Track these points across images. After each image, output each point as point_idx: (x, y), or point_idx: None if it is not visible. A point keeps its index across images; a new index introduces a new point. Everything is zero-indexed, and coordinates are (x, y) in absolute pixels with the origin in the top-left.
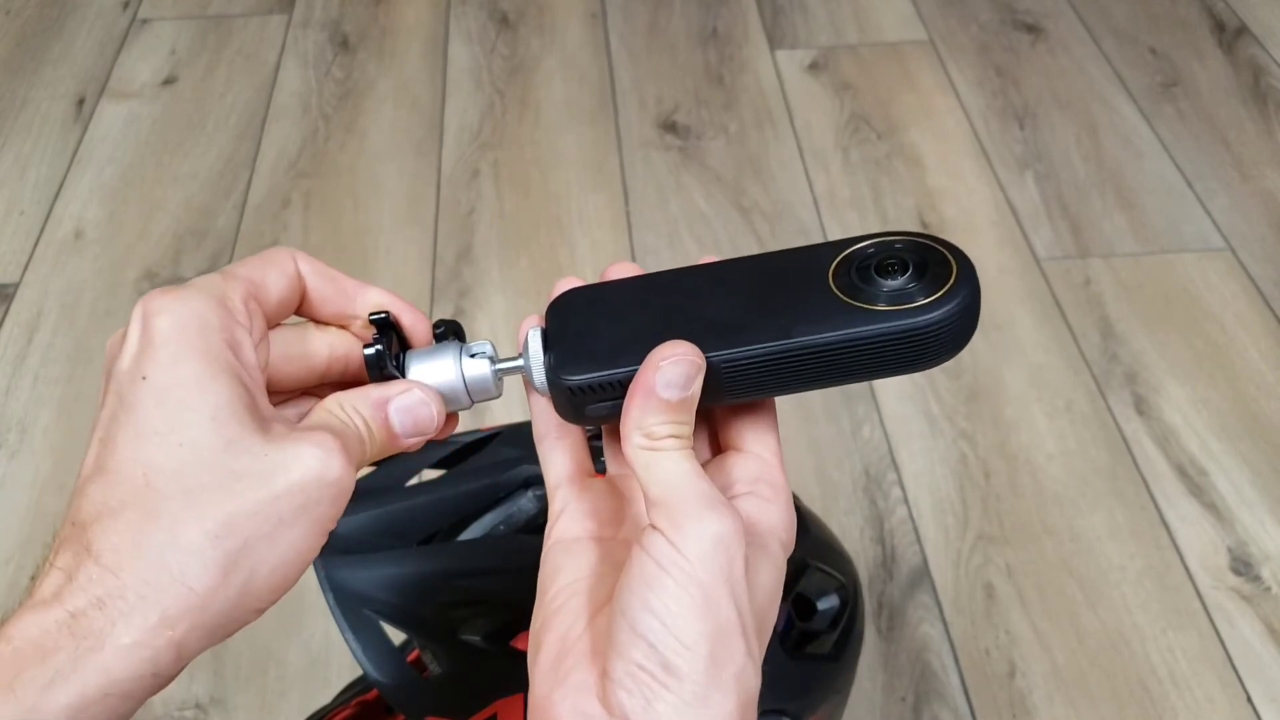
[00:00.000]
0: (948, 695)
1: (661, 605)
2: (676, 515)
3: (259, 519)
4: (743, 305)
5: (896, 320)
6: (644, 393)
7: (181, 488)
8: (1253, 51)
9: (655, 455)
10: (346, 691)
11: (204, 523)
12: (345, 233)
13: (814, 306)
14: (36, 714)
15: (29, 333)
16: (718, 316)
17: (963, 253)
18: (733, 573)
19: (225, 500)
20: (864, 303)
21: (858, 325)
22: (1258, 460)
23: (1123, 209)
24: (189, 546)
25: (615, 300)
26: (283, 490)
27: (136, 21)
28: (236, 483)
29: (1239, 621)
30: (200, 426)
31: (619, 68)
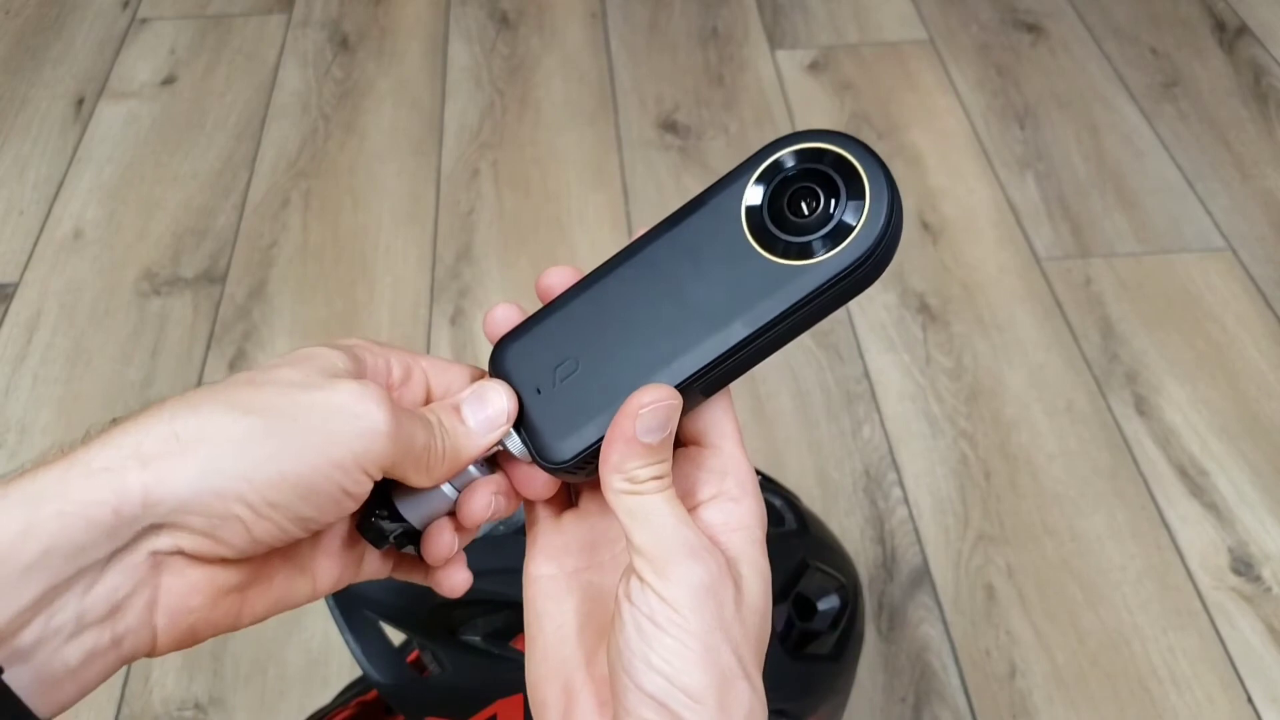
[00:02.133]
0: (948, 696)
1: (663, 662)
2: (662, 565)
3: (275, 414)
4: (681, 305)
5: (840, 261)
6: (624, 440)
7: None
8: (1254, 51)
9: (639, 500)
10: (346, 692)
11: (227, 399)
12: (345, 232)
13: (752, 282)
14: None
15: (28, 333)
16: (664, 331)
17: (856, 142)
18: (724, 616)
19: (258, 395)
20: (797, 257)
21: (803, 286)
22: (1258, 460)
23: (1123, 209)
24: (196, 406)
25: (555, 340)
26: (309, 402)
27: (136, 21)
28: (278, 390)
29: (1239, 622)
30: (286, 360)
31: (619, 67)
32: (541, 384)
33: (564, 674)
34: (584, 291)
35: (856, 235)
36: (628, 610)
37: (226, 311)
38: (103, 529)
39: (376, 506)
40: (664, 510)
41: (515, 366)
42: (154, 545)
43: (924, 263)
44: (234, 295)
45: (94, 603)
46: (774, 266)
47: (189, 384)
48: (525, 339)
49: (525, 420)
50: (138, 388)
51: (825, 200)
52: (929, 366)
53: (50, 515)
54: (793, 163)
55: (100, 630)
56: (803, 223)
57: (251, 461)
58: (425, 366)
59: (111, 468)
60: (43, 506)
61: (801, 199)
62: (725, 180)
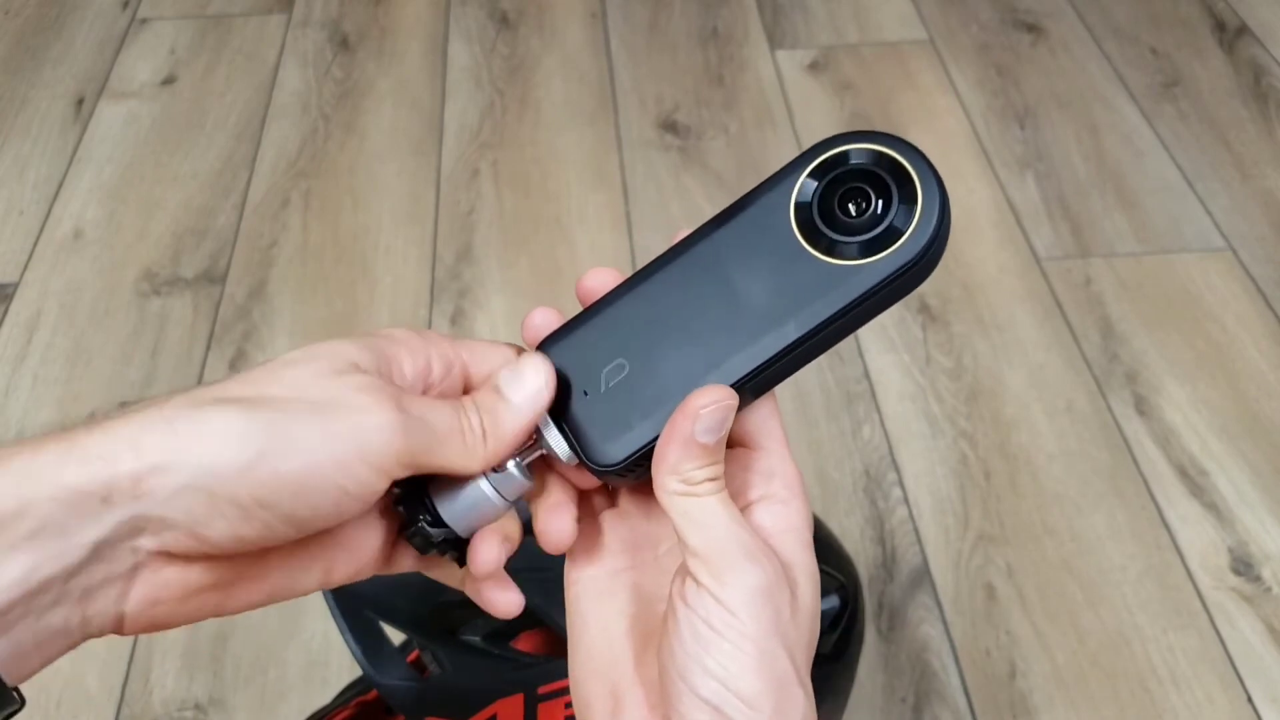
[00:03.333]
0: (948, 696)
1: (719, 666)
2: (718, 568)
3: (272, 412)
4: (730, 305)
5: (892, 263)
6: (681, 441)
7: (233, 384)
8: (1254, 51)
9: (694, 501)
10: (346, 692)
11: (225, 396)
12: (345, 232)
13: (803, 282)
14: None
15: (28, 332)
16: (714, 332)
17: (909, 146)
18: (780, 621)
19: (258, 393)
20: (849, 258)
21: (855, 287)
22: (1258, 460)
23: (1123, 209)
24: (197, 403)
25: (602, 342)
26: (308, 400)
27: (136, 21)
28: (278, 388)
29: (1239, 621)
30: (291, 359)
31: (619, 67)
32: (589, 387)
33: (611, 676)
34: (629, 292)
35: (909, 238)
36: (683, 613)
37: (226, 311)
38: (90, 516)
39: (421, 511)
40: (719, 512)
41: (560, 370)
42: (136, 543)
43: None
44: (234, 295)
45: (73, 586)
46: (825, 266)
47: (189, 384)
48: (568, 341)
49: (572, 423)
50: (138, 388)
51: (876, 202)
52: (929, 366)
53: (43, 498)
54: (844, 163)
55: (73, 609)
56: (853, 223)
57: (244, 461)
58: (466, 356)
59: (106, 457)
60: (37, 488)
61: (850, 200)
62: (774, 179)
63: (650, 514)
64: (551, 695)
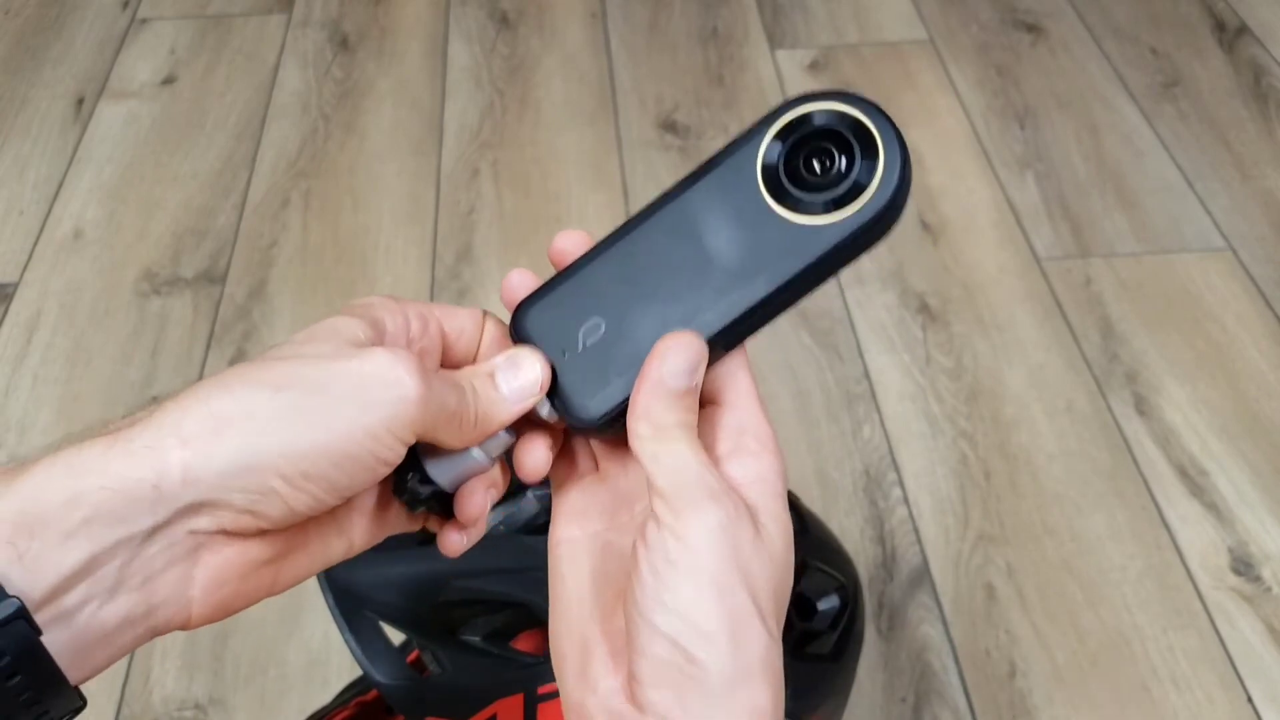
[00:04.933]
0: (948, 695)
1: (674, 599)
2: (679, 506)
3: (308, 387)
4: (701, 263)
5: (856, 220)
6: (651, 384)
7: (262, 365)
8: (1253, 51)
9: (663, 444)
10: (346, 692)
11: (259, 377)
12: (345, 232)
13: (770, 239)
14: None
15: (28, 332)
16: (686, 289)
17: (867, 102)
18: (740, 557)
19: (290, 370)
20: (815, 214)
21: (821, 244)
22: (1258, 460)
23: (1123, 209)
24: (230, 386)
25: (578, 302)
26: (341, 373)
27: (136, 21)
28: (309, 364)
29: (1239, 622)
30: (310, 334)
31: (619, 67)
32: (567, 346)
33: (581, 630)
34: (603, 253)
35: (873, 194)
36: (643, 553)
37: (226, 311)
38: (144, 504)
39: (409, 470)
40: (687, 454)
41: (538, 330)
42: (193, 525)
43: (924, 263)
44: (234, 295)
45: (133, 573)
46: (791, 225)
47: (189, 384)
48: (546, 302)
49: (553, 383)
50: (138, 388)
51: (839, 159)
52: (929, 366)
53: (93, 487)
54: (808, 123)
55: (137, 598)
56: (818, 181)
57: (287, 436)
58: (439, 315)
59: (153, 446)
60: (86, 478)
61: (815, 158)
62: (739, 140)
63: (629, 475)
64: (551, 695)
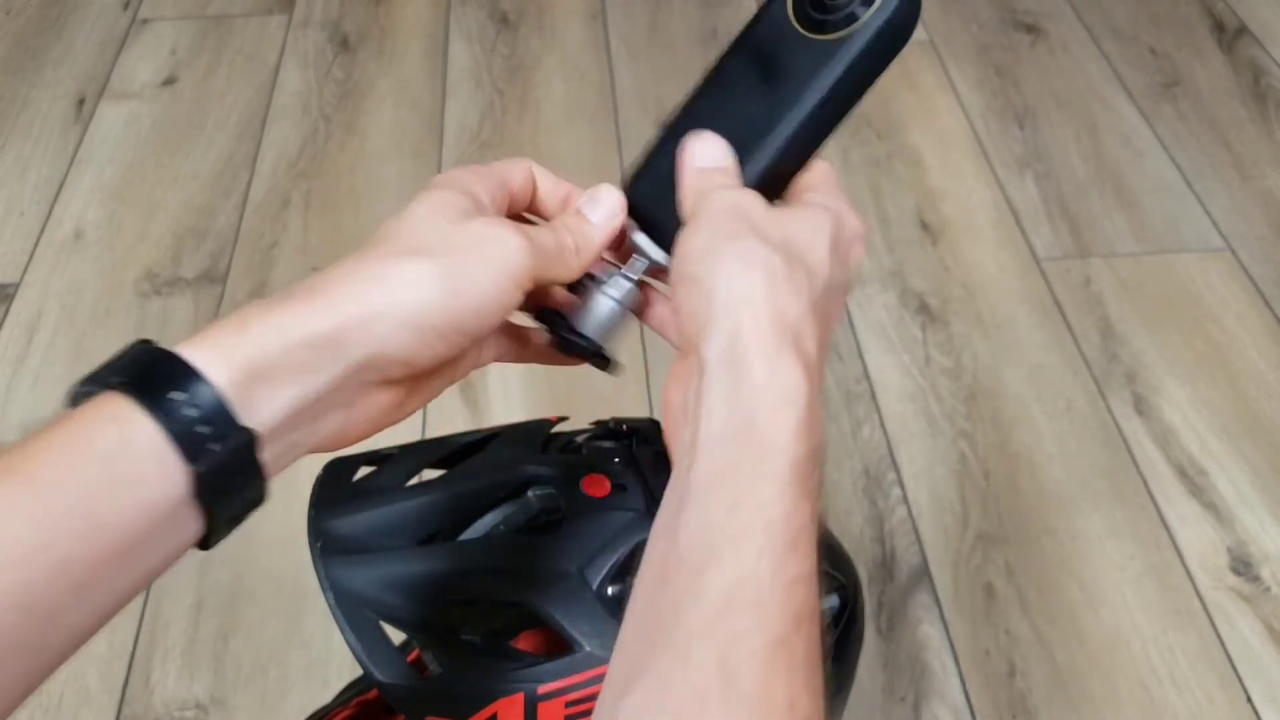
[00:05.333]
0: (947, 695)
1: (685, 245)
2: (698, 204)
3: (442, 254)
4: (762, 98)
5: (868, 29)
6: (685, 169)
7: (404, 229)
8: (1253, 52)
9: (703, 184)
10: (346, 691)
11: (400, 250)
12: (345, 233)
13: (806, 62)
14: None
15: (29, 333)
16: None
17: None
18: (755, 219)
19: (431, 232)
20: (836, 31)
21: (846, 54)
22: (1257, 460)
23: (1122, 209)
24: (387, 258)
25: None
26: (463, 241)
27: (137, 22)
28: (445, 230)
29: (1239, 621)
30: (426, 208)
31: (619, 68)
32: (662, 198)
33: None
34: (679, 117)
35: (877, 7)
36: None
37: (228, 312)
38: (332, 356)
39: (566, 330)
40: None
41: (644, 194)
42: (362, 376)
43: (923, 263)
44: (235, 295)
45: (316, 410)
46: (817, 43)
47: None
48: (644, 170)
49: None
50: None
51: None
52: (928, 367)
53: (298, 344)
54: None
55: (308, 431)
56: (835, 4)
57: (441, 299)
58: (502, 173)
59: (335, 308)
60: (293, 336)
61: None
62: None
63: None
64: (551, 695)
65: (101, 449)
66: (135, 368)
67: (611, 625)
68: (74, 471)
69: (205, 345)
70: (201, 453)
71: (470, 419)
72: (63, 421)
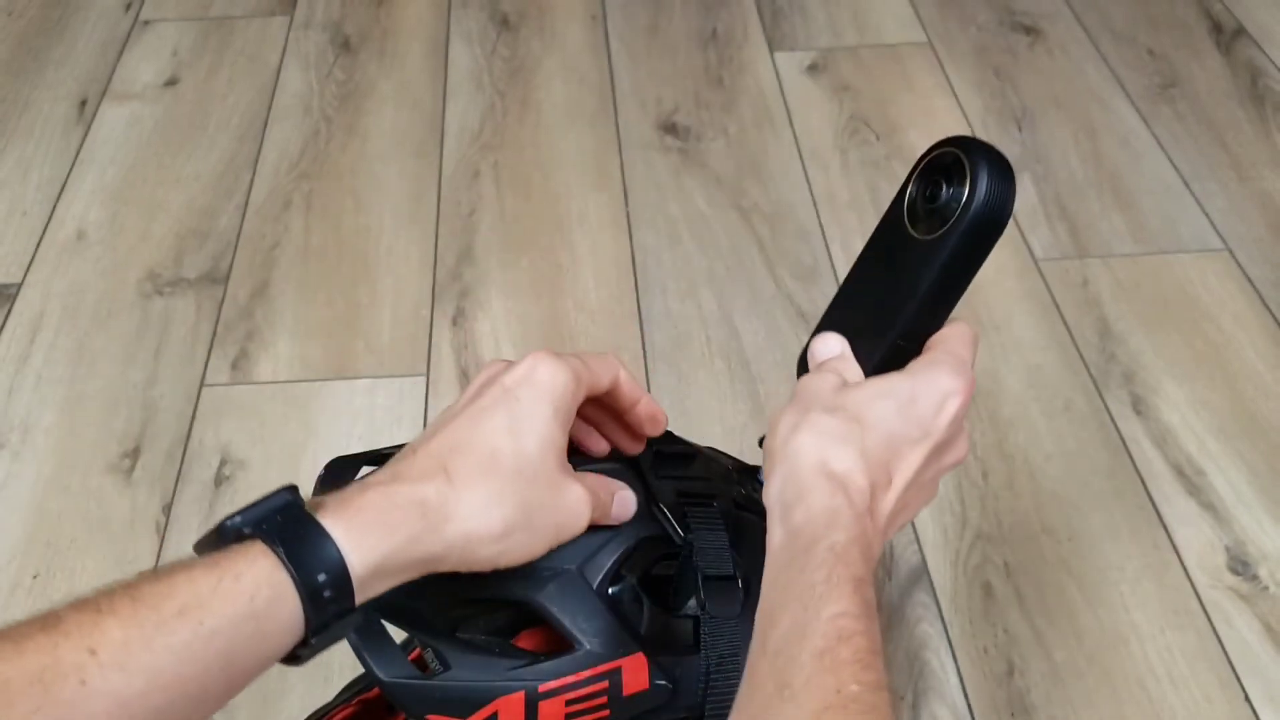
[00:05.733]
0: (946, 694)
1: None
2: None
3: (533, 506)
4: (887, 284)
5: (958, 227)
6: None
7: (510, 468)
8: (1250, 53)
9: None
10: (348, 690)
11: (513, 493)
12: (346, 233)
13: (915, 256)
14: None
15: (31, 333)
16: (877, 306)
17: (964, 138)
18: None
19: (526, 488)
20: (935, 230)
21: (944, 250)
22: (1255, 460)
23: (1120, 209)
24: (494, 498)
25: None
26: (556, 502)
27: (139, 23)
28: (536, 482)
29: (1237, 621)
30: (534, 442)
31: (619, 69)
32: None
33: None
34: (840, 292)
35: (962, 207)
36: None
37: (229, 312)
38: (431, 566)
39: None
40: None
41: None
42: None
43: None
44: (236, 296)
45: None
46: (922, 241)
47: (192, 384)
48: (823, 329)
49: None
50: (141, 388)
51: (944, 188)
52: None
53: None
54: (927, 164)
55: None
56: (934, 207)
57: (497, 534)
58: (598, 370)
59: (445, 534)
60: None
61: (931, 190)
62: (899, 190)
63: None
64: (552, 693)
65: (255, 609)
66: (293, 535)
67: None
68: (229, 624)
69: (349, 531)
70: (325, 624)
71: None
72: (228, 566)
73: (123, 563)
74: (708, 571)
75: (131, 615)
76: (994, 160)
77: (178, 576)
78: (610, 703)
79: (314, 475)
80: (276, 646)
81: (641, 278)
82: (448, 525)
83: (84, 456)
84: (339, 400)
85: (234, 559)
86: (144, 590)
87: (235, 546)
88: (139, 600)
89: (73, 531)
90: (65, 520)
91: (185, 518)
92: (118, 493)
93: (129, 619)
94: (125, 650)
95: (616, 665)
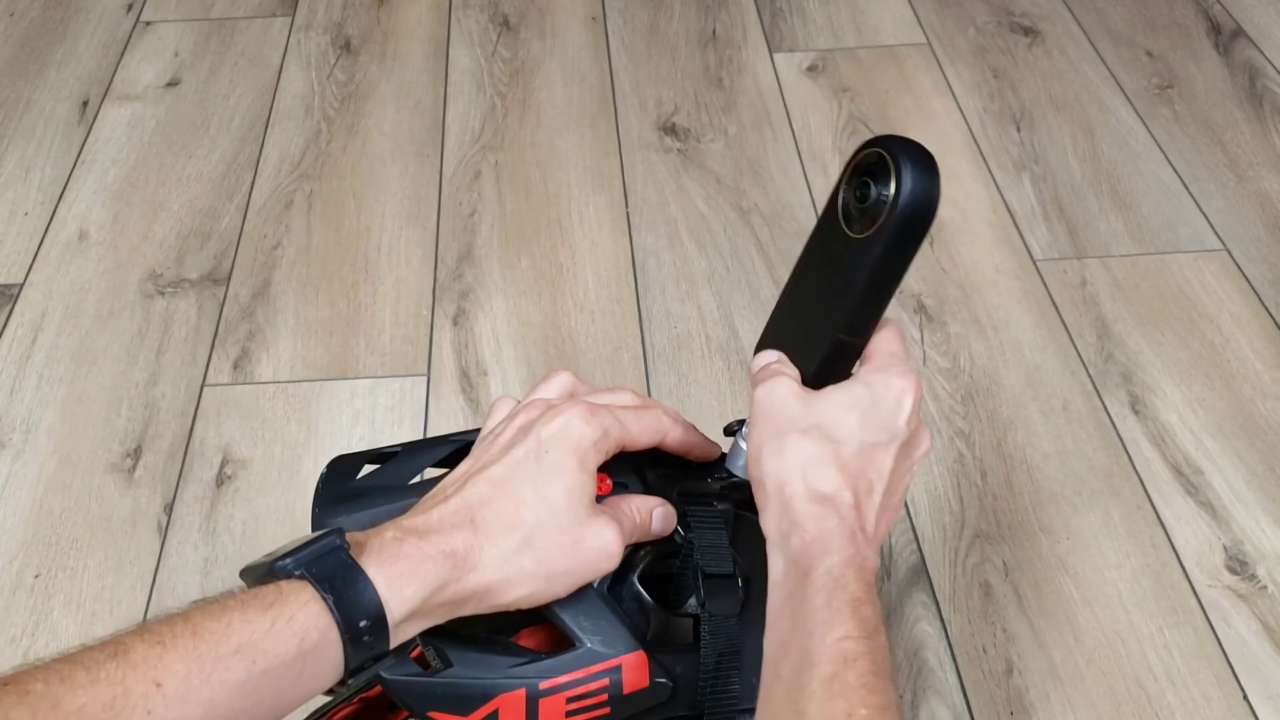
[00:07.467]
0: (945, 693)
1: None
2: (753, 402)
3: (556, 554)
4: (827, 283)
5: (889, 225)
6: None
7: (534, 520)
8: (1249, 54)
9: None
10: None
11: (536, 543)
12: (347, 234)
13: (851, 255)
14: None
15: (33, 333)
16: (817, 306)
17: (887, 137)
18: (791, 412)
19: (549, 537)
20: (867, 229)
21: (876, 248)
22: (1253, 459)
23: (1119, 210)
24: (516, 550)
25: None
26: (582, 545)
27: (140, 24)
28: (561, 530)
29: (1235, 620)
30: (559, 493)
31: (619, 70)
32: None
33: None
34: (783, 295)
35: (891, 203)
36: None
37: (230, 312)
38: (446, 567)
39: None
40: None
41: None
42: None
43: (921, 264)
44: (238, 296)
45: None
46: (856, 240)
47: (193, 384)
48: (767, 334)
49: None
50: (142, 388)
51: (873, 188)
52: (926, 366)
53: (426, 555)
54: (856, 166)
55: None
56: (864, 207)
57: (521, 594)
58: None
59: (476, 580)
60: (425, 548)
61: (861, 190)
62: (832, 192)
63: None
64: (553, 690)
65: (304, 650)
66: (340, 582)
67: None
68: (280, 664)
69: (389, 581)
70: (362, 666)
71: (471, 418)
72: (281, 609)
73: (124, 562)
74: (708, 570)
75: (192, 650)
76: (917, 157)
77: (233, 615)
78: (611, 700)
79: (315, 474)
80: (319, 684)
81: (641, 278)
82: (472, 574)
83: (85, 456)
84: (340, 400)
85: (286, 601)
86: (203, 626)
87: (285, 584)
88: (199, 636)
89: (74, 531)
90: (67, 520)
91: (187, 517)
92: (119, 492)
93: (190, 653)
94: (186, 684)
95: (617, 663)
